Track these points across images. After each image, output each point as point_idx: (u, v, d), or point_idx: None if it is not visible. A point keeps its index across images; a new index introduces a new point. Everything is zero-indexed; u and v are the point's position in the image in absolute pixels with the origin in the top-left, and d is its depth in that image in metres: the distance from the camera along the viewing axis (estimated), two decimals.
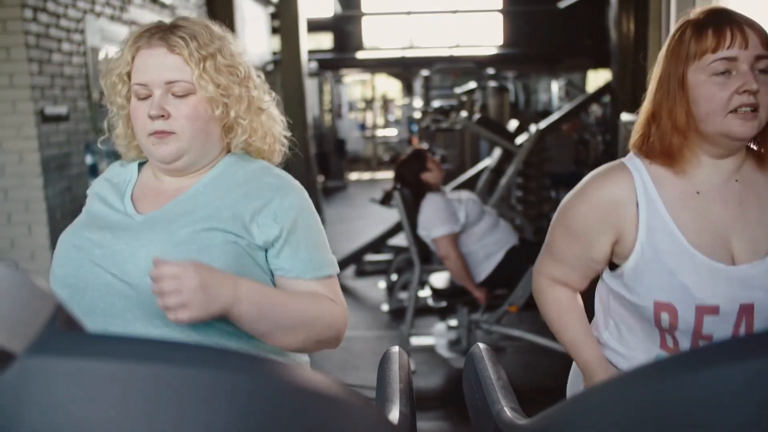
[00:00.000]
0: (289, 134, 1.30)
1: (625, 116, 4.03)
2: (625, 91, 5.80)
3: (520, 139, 5.36)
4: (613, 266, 1.27)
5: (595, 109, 10.35)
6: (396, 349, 1.09)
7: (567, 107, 6.99)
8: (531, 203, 5.68)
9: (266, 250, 1.15)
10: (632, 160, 1.22)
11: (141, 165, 1.28)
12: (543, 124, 5.75)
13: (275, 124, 1.25)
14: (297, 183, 1.23)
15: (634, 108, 1.32)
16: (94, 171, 4.56)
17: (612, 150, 6.17)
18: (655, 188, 1.18)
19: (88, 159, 4.50)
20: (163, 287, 0.95)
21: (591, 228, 1.23)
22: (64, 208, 4.22)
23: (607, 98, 7.35)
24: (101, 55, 4.75)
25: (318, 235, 1.20)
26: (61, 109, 4.23)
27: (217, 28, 1.20)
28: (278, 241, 1.14)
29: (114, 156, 1.32)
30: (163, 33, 1.14)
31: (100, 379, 0.38)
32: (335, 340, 1.18)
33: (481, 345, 1.14)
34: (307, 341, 1.13)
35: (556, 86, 13.92)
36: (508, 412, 0.95)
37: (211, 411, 0.40)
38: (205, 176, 1.20)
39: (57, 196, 4.15)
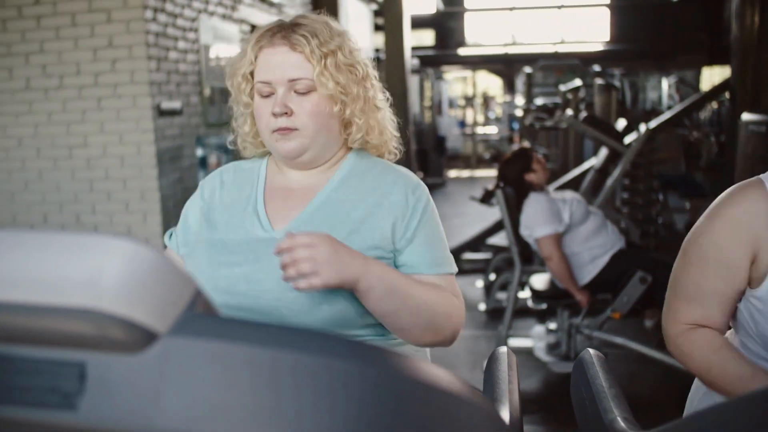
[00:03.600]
0: (398, 135, 1.31)
1: (746, 116, 3.79)
2: (746, 89, 5.45)
3: (628, 139, 5.16)
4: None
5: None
6: (504, 349, 1.07)
7: (679, 106, 6.67)
8: (637, 206, 5.45)
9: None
10: None
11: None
12: (653, 123, 5.51)
13: (389, 122, 1.27)
14: (419, 180, 1.25)
15: (755, 107, 1.21)
16: (204, 163, 4.77)
17: (729, 152, 5.83)
18: None
19: (199, 152, 4.70)
20: (296, 255, 0.99)
21: (731, 253, 1.11)
22: (176, 198, 4.43)
23: (724, 96, 6.95)
24: (212, 53, 4.96)
25: (439, 232, 1.23)
26: (176, 104, 4.45)
27: (336, 24, 1.21)
28: (406, 237, 1.18)
29: (223, 150, 1.36)
30: (285, 32, 1.16)
31: (235, 362, 0.39)
32: (451, 335, 1.21)
33: (591, 351, 1.10)
34: (427, 328, 1.15)
35: (665, 84, 13.29)
36: (621, 423, 0.91)
37: (340, 400, 0.40)
38: (333, 178, 1.22)
39: (170, 187, 4.37)
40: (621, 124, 5.92)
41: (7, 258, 0.39)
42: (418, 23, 12.80)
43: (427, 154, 11.66)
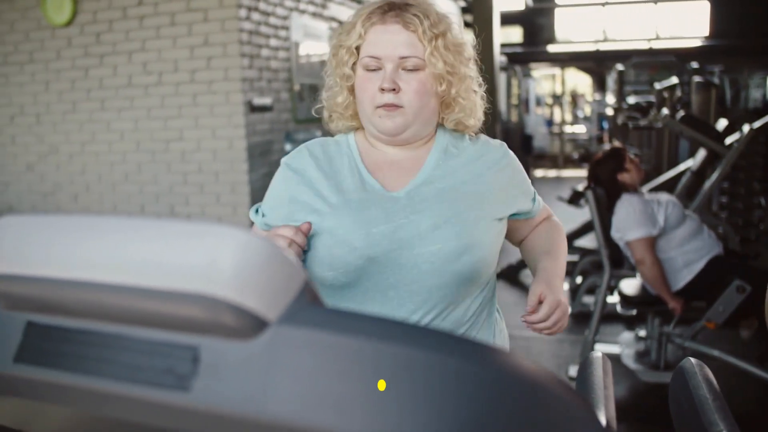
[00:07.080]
0: (483, 118, 1.33)
1: None
2: None
3: (728, 140, 4.90)
4: None
5: None
6: (599, 354, 1.03)
7: None
8: (737, 210, 5.17)
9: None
10: None
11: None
12: (758, 123, 5.20)
13: (480, 107, 1.29)
14: (500, 141, 1.35)
15: None
16: None
17: None
18: None
19: (288, 147, 4.80)
20: (555, 319, 1.17)
21: None
22: (264, 192, 4.54)
23: None
24: (302, 50, 5.05)
25: (524, 174, 1.35)
26: (266, 100, 4.56)
27: (441, 9, 1.23)
28: (512, 194, 1.29)
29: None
30: (397, 10, 1.18)
31: (342, 352, 0.39)
32: None
33: (693, 360, 1.04)
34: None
35: None
36: None
37: (442, 395, 0.40)
38: (434, 150, 1.26)
39: (259, 181, 4.48)
40: (721, 124, 5.63)
41: (127, 243, 0.41)
42: (506, 20, 12.60)
43: (514, 152, 11.46)
